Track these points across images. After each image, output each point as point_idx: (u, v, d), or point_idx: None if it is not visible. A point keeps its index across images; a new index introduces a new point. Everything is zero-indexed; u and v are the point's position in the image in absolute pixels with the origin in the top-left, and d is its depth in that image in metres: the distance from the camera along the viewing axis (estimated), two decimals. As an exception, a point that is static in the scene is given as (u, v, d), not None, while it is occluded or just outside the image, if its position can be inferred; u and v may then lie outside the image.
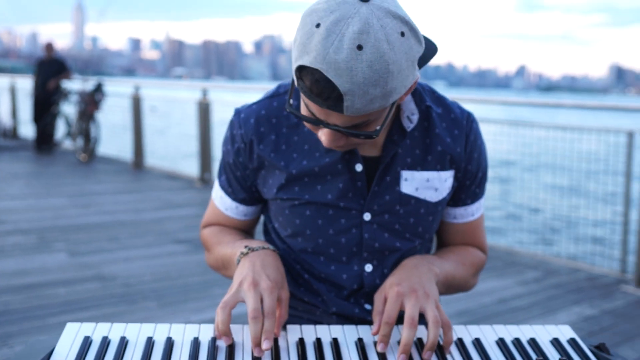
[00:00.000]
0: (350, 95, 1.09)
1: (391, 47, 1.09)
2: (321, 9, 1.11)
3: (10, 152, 11.59)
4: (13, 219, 6.36)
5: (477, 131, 1.49)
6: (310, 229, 1.44)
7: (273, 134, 1.44)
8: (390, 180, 1.42)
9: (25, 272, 4.66)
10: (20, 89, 13.82)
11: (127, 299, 4.16)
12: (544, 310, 4.12)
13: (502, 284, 4.67)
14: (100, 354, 1.21)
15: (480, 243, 1.60)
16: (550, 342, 1.33)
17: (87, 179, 9.05)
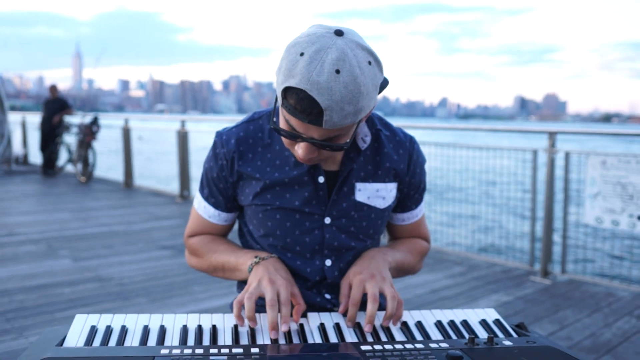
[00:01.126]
0: (329, 111, 1.13)
1: (362, 73, 1.13)
2: (303, 42, 1.14)
3: (22, 176, 11.28)
4: (25, 231, 6.18)
5: (419, 151, 1.52)
6: (280, 230, 1.45)
7: (250, 152, 1.45)
8: (347, 191, 1.43)
9: (35, 275, 4.53)
10: (30, 123, 13.48)
11: (122, 296, 4.08)
12: (468, 298, 4.16)
13: (433, 277, 4.69)
14: (105, 339, 1.20)
15: (424, 235, 1.65)
16: (479, 322, 1.34)
17: (86, 196, 8.86)
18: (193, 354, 1.08)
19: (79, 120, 11.12)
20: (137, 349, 1.13)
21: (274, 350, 1.12)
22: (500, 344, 1.16)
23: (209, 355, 1.08)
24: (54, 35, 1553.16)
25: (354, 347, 1.14)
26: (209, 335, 1.23)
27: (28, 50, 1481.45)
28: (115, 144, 10.71)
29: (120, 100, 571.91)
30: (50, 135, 11.10)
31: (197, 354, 1.09)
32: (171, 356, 1.08)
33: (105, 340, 1.20)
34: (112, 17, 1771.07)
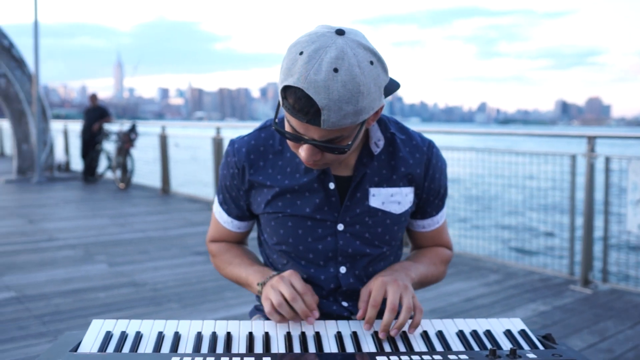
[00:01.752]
0: (327, 110, 1.10)
1: (362, 72, 1.11)
2: (304, 41, 1.13)
3: (64, 182, 11.54)
4: (64, 236, 6.31)
5: (438, 155, 1.47)
6: (292, 238, 1.42)
7: (261, 160, 1.43)
8: (360, 196, 1.40)
9: (72, 279, 4.60)
10: (72, 131, 13.80)
11: (155, 301, 4.11)
12: (504, 307, 4.05)
13: (468, 285, 4.59)
14: (119, 346, 1.19)
15: (445, 242, 1.59)
16: (503, 333, 1.29)
17: (124, 203, 9.00)
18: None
19: (117, 127, 11.34)
20: (149, 355, 1.12)
21: (287, 358, 1.10)
22: (524, 357, 1.11)
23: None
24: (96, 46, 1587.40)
25: (369, 357, 1.10)
26: (223, 343, 1.22)
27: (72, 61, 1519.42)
28: (153, 151, 10.87)
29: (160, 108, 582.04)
30: (90, 142, 11.35)
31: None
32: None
33: (120, 346, 1.19)
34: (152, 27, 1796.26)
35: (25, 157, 12.30)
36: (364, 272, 1.44)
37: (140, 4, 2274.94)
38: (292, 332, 1.27)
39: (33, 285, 4.40)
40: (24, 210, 8.05)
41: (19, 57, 11.87)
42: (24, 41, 13.25)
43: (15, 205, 8.62)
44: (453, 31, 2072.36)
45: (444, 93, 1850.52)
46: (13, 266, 4.97)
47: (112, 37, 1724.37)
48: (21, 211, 7.98)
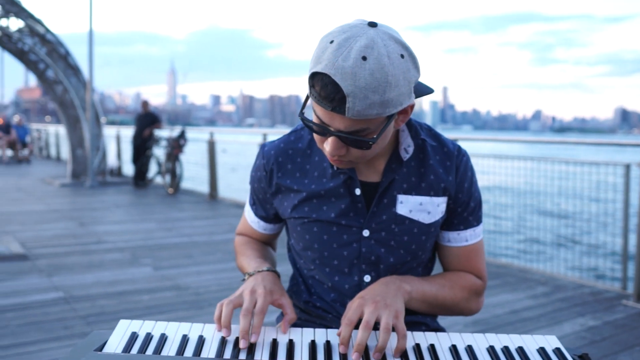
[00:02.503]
0: (352, 97, 1.09)
1: (391, 63, 1.09)
2: (336, 31, 1.13)
3: (115, 187, 11.83)
4: (112, 239, 6.46)
5: (467, 164, 1.42)
6: (317, 243, 1.41)
7: (289, 163, 1.43)
8: (387, 202, 1.37)
9: (118, 282, 4.70)
10: (124, 137, 14.16)
11: (196, 305, 4.16)
12: (551, 321, 3.92)
13: (514, 297, 4.47)
14: (143, 347, 1.20)
15: (475, 269, 1.45)
16: (537, 350, 1.22)
17: (172, 207, 9.16)
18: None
19: (167, 133, 11.57)
20: (171, 358, 1.12)
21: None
22: (553, 374, 1.06)
23: (238, 369, 1.05)
24: (150, 54, 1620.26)
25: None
26: (247, 349, 1.21)
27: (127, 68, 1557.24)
28: (201, 156, 11.05)
29: (212, 114, 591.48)
30: (141, 148, 11.62)
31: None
32: (201, 368, 1.06)
33: (144, 347, 1.19)
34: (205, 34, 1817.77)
35: (79, 162, 12.68)
36: (393, 277, 1.38)
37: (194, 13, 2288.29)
38: (317, 340, 1.25)
39: (80, 287, 4.52)
40: (76, 213, 8.28)
41: (75, 65, 12.26)
42: (81, 49, 13.70)
43: (68, 208, 8.89)
44: (507, 37, 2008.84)
45: (497, 100, 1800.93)
46: (62, 267, 5.11)
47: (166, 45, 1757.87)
48: (73, 214, 8.22)
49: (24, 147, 19.16)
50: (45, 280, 4.67)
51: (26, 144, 19.32)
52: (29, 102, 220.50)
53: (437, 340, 1.26)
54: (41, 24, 11.42)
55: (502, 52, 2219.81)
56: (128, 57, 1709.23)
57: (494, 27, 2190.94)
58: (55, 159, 20.06)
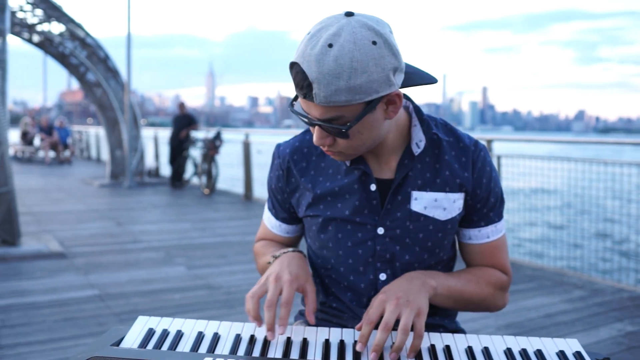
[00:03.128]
0: (317, 84, 1.11)
1: (357, 49, 1.10)
2: (316, 24, 1.17)
3: (153, 187, 12.03)
4: (148, 239, 6.57)
5: (485, 159, 1.39)
6: (332, 242, 1.40)
7: (304, 161, 1.43)
8: (402, 199, 1.35)
9: (152, 280, 4.78)
10: (161, 138, 14.39)
11: (227, 304, 4.20)
12: (587, 325, 3.83)
13: (549, 300, 4.37)
14: (159, 343, 1.22)
15: (499, 264, 1.43)
16: (556, 353, 1.19)
17: (207, 208, 9.27)
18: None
19: (203, 135, 11.71)
20: (183, 354, 1.14)
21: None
22: (567, 377, 1.04)
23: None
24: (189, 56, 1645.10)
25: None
26: (260, 346, 1.22)
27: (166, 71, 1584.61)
28: (237, 157, 11.15)
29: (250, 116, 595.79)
30: (178, 149, 11.78)
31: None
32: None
33: (160, 343, 1.21)
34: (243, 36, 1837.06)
35: (117, 163, 12.94)
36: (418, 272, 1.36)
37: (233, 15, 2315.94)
38: (331, 339, 1.25)
39: (115, 285, 4.61)
40: (114, 213, 8.45)
41: (114, 68, 12.51)
42: (120, 53, 13.96)
43: (106, 208, 9.07)
44: (550, 36, 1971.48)
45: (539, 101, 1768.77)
46: (99, 265, 5.22)
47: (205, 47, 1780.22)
48: (111, 214, 8.39)
49: (66, 148, 19.63)
50: (81, 278, 4.78)
51: (68, 145, 19.80)
52: (72, 104, 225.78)
53: (454, 341, 1.24)
54: (81, 28, 11.69)
55: (544, 51, 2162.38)
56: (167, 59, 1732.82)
57: (536, 26, 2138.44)
58: (96, 160, 20.50)
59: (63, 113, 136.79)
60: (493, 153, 5.80)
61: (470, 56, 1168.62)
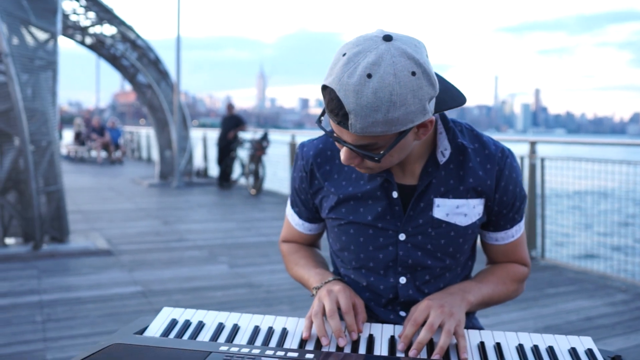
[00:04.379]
0: (354, 115, 1.09)
1: (397, 81, 1.07)
2: (351, 43, 1.13)
3: (201, 187, 12.27)
4: (193, 237, 6.72)
5: (512, 165, 1.39)
6: (354, 245, 1.43)
7: (328, 164, 1.45)
8: (424, 206, 1.37)
9: (194, 278, 4.90)
10: (210, 139, 14.65)
11: (266, 302, 4.27)
12: (627, 329, 3.76)
13: (590, 304, 4.31)
14: (181, 332, 1.27)
15: (521, 259, 1.51)
16: (567, 350, 1.20)
17: (253, 208, 9.40)
18: (248, 353, 1.12)
19: (251, 136, 11.87)
20: (201, 343, 1.19)
21: (328, 357, 1.12)
22: (576, 373, 1.05)
23: (261, 356, 1.11)
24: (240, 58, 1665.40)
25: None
26: (277, 337, 1.26)
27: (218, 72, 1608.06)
28: (284, 158, 11.27)
29: (300, 117, 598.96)
30: (226, 150, 11.98)
31: (251, 353, 1.12)
32: (227, 353, 1.12)
33: (181, 333, 1.27)
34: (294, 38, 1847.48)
35: (167, 163, 13.25)
36: (425, 285, 1.42)
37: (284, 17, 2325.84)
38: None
39: (158, 281, 4.74)
40: (161, 212, 8.67)
41: (164, 70, 12.82)
42: (172, 54, 14.28)
43: (154, 207, 9.31)
44: (605, 37, 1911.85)
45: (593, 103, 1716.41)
46: (143, 263, 5.38)
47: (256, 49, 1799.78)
48: (158, 213, 8.61)
49: (117, 148, 20.21)
50: (126, 275, 4.94)
51: (119, 145, 20.38)
52: (125, 105, 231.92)
53: (467, 337, 1.26)
54: (132, 30, 12.03)
55: (599, 53, 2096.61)
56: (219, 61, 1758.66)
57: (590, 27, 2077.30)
58: (146, 161, 21.01)
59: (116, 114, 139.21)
60: (536, 155, 5.72)
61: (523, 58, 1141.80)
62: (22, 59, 5.40)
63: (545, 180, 5.75)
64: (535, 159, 5.71)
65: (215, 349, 1.15)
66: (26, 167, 5.41)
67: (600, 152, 8.75)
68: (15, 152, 5.39)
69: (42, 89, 5.59)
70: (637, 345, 3.49)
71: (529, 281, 4.98)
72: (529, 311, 4.12)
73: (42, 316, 3.82)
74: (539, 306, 4.26)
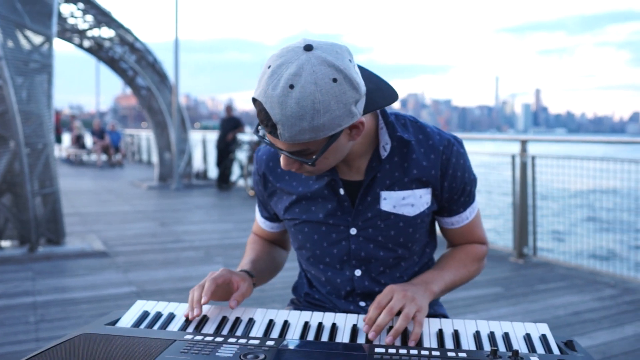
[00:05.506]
0: (281, 125, 1.13)
1: (319, 89, 1.11)
2: (275, 55, 1.17)
3: (200, 189, 12.32)
4: (190, 238, 6.77)
5: (458, 152, 1.44)
6: (309, 243, 1.50)
7: (279, 167, 1.50)
8: (371, 200, 1.42)
9: (189, 278, 4.94)
10: (209, 141, 14.70)
11: (259, 301, 4.31)
12: (612, 323, 3.81)
13: (579, 299, 4.37)
14: (151, 323, 1.31)
15: (478, 238, 1.57)
16: (522, 337, 1.24)
17: (251, 209, 9.42)
18: (211, 341, 1.16)
19: (249, 137, 11.93)
20: (167, 332, 1.23)
21: (286, 345, 1.16)
22: (526, 359, 1.08)
23: (223, 343, 1.15)
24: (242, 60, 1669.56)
25: (368, 348, 1.14)
26: (243, 327, 1.30)
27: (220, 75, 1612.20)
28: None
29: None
30: (224, 151, 12.03)
31: (214, 341, 1.16)
32: (190, 341, 1.16)
33: (151, 324, 1.31)
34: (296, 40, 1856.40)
35: (166, 165, 13.30)
36: (380, 275, 1.47)
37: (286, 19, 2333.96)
38: (311, 322, 1.32)
39: (153, 282, 4.79)
40: (159, 214, 8.72)
41: (162, 72, 12.88)
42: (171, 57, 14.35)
43: (152, 209, 9.36)
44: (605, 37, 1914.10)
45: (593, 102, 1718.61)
46: (139, 264, 5.43)
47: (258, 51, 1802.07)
48: (156, 215, 8.66)
49: (117, 151, 20.27)
50: (120, 276, 4.98)
51: (119, 148, 20.44)
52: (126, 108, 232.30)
53: (427, 325, 1.30)
54: (130, 33, 12.09)
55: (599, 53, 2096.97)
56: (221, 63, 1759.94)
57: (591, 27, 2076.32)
58: (146, 163, 21.08)
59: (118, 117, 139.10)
60: (527, 154, 5.76)
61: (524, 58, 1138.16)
62: (16, 62, 5.46)
63: (536, 178, 5.80)
64: (526, 157, 5.75)
65: (181, 337, 1.19)
66: (21, 170, 5.47)
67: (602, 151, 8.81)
68: (10, 155, 5.44)
69: (37, 92, 5.64)
70: (621, 339, 3.54)
71: (520, 277, 5.02)
72: (518, 307, 4.16)
73: (36, 317, 3.87)
74: (529, 302, 4.30)
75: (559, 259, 5.87)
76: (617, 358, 3.22)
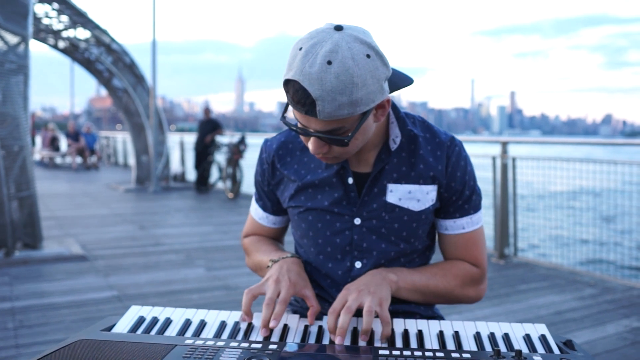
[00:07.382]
0: (321, 101, 1.16)
1: (356, 64, 1.15)
2: (305, 38, 1.20)
3: (178, 192, 12.23)
4: (170, 241, 6.71)
5: (460, 153, 1.46)
6: (312, 231, 1.50)
7: (289, 156, 1.53)
8: (378, 191, 1.44)
9: (171, 281, 4.90)
10: (187, 143, 14.61)
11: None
12: (594, 322, 3.87)
13: (560, 298, 4.43)
14: (148, 329, 1.30)
15: (472, 257, 1.49)
16: (522, 337, 1.25)
17: (231, 211, 9.40)
18: (212, 346, 1.15)
19: (228, 139, 11.88)
20: (166, 337, 1.22)
21: (290, 348, 1.15)
22: (529, 359, 1.09)
23: (226, 347, 1.14)
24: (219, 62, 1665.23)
25: (371, 351, 1.14)
26: (243, 331, 1.29)
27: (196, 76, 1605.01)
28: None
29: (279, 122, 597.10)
30: (203, 154, 11.97)
31: (216, 345, 1.15)
32: (192, 345, 1.15)
33: (148, 329, 1.29)
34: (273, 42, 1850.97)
35: (143, 168, 13.18)
36: (380, 268, 1.46)
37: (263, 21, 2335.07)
38: (311, 326, 1.32)
39: (134, 286, 4.74)
40: (137, 217, 8.63)
41: (140, 74, 12.76)
42: (148, 58, 14.21)
43: (130, 212, 9.26)
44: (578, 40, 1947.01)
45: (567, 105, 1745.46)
46: (119, 268, 5.36)
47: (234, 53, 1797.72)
48: (134, 218, 8.57)
49: (93, 154, 20.04)
50: (101, 280, 4.92)
51: (95, 151, 20.20)
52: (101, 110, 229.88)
53: (427, 326, 1.30)
54: (107, 34, 11.95)
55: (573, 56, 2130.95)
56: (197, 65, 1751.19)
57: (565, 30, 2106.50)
58: (123, 166, 20.87)
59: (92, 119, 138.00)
60: (508, 155, 5.82)
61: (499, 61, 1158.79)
62: (-8, 63, 5.36)
63: (517, 179, 5.87)
64: (507, 159, 5.81)
65: (181, 342, 1.18)
66: (-2, 173, 5.37)
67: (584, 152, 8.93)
68: (-13, 158, 5.34)
69: (13, 93, 5.55)
70: (604, 337, 3.59)
71: (501, 278, 5.07)
72: (501, 307, 4.20)
73: (14, 322, 3.80)
74: (511, 302, 4.35)
75: (539, 260, 5.95)
76: (601, 357, 3.26)
